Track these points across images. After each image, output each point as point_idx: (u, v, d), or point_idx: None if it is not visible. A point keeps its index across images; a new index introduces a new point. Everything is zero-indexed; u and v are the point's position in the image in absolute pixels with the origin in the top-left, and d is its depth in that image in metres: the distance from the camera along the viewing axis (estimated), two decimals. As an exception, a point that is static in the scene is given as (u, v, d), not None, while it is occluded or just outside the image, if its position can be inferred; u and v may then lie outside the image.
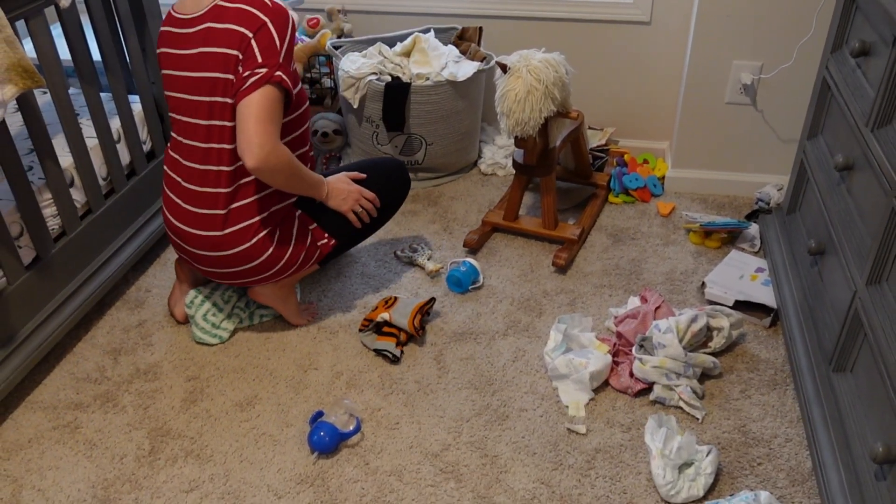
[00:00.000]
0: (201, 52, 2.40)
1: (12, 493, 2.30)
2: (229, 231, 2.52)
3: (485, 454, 2.37)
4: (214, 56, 2.38)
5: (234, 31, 2.34)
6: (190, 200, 2.54)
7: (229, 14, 2.36)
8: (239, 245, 2.53)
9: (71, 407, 2.58)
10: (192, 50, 2.42)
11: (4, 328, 2.50)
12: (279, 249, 2.59)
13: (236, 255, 2.56)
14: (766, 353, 2.69)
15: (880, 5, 2.07)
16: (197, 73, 2.42)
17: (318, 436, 2.35)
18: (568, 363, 2.56)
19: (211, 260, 2.59)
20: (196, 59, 2.42)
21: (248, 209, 2.53)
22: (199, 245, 2.57)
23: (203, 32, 2.39)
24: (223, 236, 2.53)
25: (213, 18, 2.38)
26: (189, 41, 2.43)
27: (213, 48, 2.37)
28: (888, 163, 1.98)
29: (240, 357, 2.76)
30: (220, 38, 2.36)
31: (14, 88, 2.29)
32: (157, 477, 2.34)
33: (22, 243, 2.58)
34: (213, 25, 2.37)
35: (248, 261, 2.57)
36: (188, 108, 2.48)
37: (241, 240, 2.53)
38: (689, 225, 3.31)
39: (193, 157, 2.51)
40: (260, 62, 2.33)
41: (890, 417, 1.82)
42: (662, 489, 2.20)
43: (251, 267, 2.59)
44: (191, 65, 2.43)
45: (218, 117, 2.43)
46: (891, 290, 1.93)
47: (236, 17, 2.35)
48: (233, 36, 2.35)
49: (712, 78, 3.36)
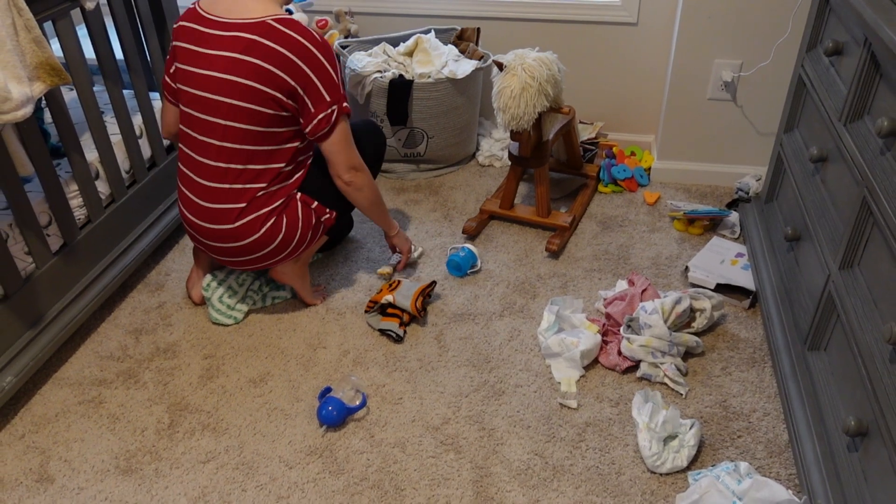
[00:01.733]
0: (236, 59, 2.36)
1: (40, 463, 2.30)
2: (240, 223, 2.51)
3: (482, 427, 2.36)
4: (257, 68, 2.34)
5: (287, 57, 2.33)
6: (203, 196, 2.53)
7: (280, 37, 2.33)
8: (251, 235, 2.53)
9: (95, 383, 2.57)
10: (221, 52, 2.38)
11: (33, 309, 2.50)
12: (289, 232, 2.58)
13: (250, 245, 2.55)
14: (746, 333, 2.68)
15: (852, 7, 2.06)
16: (224, 74, 2.38)
17: (326, 410, 2.34)
18: (560, 342, 2.56)
19: (227, 251, 2.59)
20: (226, 63, 2.37)
21: (258, 202, 2.52)
22: (214, 238, 2.57)
23: (246, 42, 2.34)
24: (235, 228, 2.52)
25: (260, 33, 2.33)
26: (217, 43, 2.39)
27: (257, 60, 2.33)
28: (859, 155, 1.97)
29: (253, 336, 2.75)
30: (269, 56, 2.32)
31: (42, 85, 2.29)
32: (176, 449, 2.33)
33: (50, 231, 2.58)
34: (260, 40, 2.33)
35: (263, 248, 2.57)
36: (206, 105, 2.45)
37: (252, 230, 2.52)
38: (673, 213, 3.30)
39: (207, 153, 2.49)
40: (329, 101, 2.40)
41: (861, 393, 1.81)
42: (648, 460, 2.19)
43: (266, 252, 2.59)
44: (217, 66, 2.39)
45: (238, 119, 2.41)
46: (862, 274, 1.92)
47: (289, 44, 2.33)
48: (285, 62, 2.33)
49: (695, 75, 3.35)
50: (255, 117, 2.40)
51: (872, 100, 2.00)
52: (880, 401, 1.67)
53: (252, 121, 2.41)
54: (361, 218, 3.37)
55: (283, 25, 2.34)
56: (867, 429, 1.75)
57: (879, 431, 1.68)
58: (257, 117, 2.40)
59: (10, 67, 2.12)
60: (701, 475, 2.12)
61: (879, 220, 1.80)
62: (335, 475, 2.23)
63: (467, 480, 2.20)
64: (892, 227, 1.72)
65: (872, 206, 1.85)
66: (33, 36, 2.22)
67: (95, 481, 2.24)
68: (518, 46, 3.10)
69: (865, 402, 1.78)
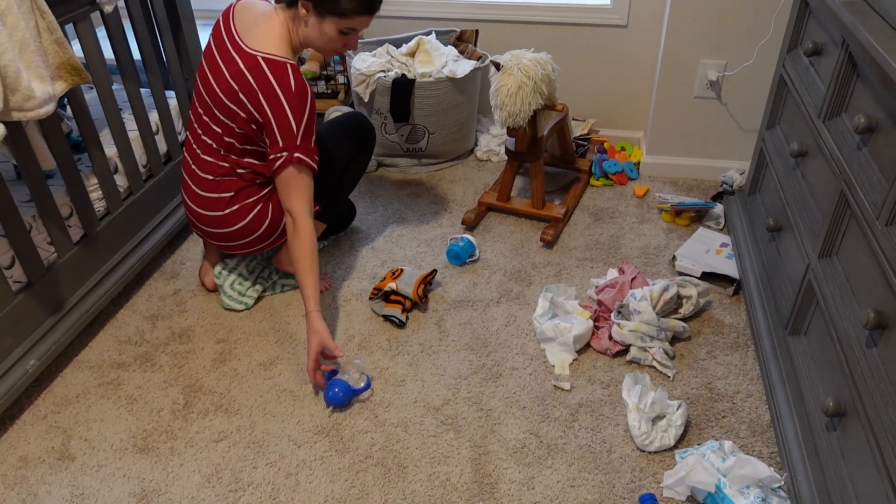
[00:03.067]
0: (226, 78, 2.37)
1: (62, 442, 2.29)
2: (230, 211, 2.55)
3: (480, 408, 2.36)
4: (236, 93, 2.36)
5: (256, 94, 2.31)
6: (199, 184, 2.57)
7: (259, 75, 2.31)
8: (239, 222, 2.56)
9: (114, 366, 2.57)
10: (222, 65, 2.40)
11: (55, 296, 2.49)
12: (273, 220, 2.60)
13: (238, 231, 2.59)
14: (730, 319, 2.67)
15: (831, 11, 2.05)
16: (217, 86, 2.41)
17: (332, 392, 2.34)
18: (554, 327, 2.55)
19: (219, 236, 2.62)
20: (221, 77, 2.39)
21: (245, 193, 2.55)
22: (208, 223, 2.60)
23: (235, 66, 2.35)
24: (225, 216, 2.55)
25: (248, 65, 2.33)
26: (225, 55, 2.40)
27: (236, 86, 2.35)
28: (838, 150, 1.97)
29: (264, 322, 2.74)
30: (244, 87, 2.32)
31: (63, 84, 2.28)
32: (191, 428, 2.33)
33: (71, 223, 2.58)
34: (244, 71, 2.33)
35: (249, 234, 2.60)
36: (204, 104, 2.48)
37: (240, 218, 2.56)
38: (661, 205, 3.29)
39: (204, 147, 2.53)
40: (281, 146, 2.34)
41: (839, 376, 1.81)
42: (638, 439, 2.19)
43: (253, 238, 2.62)
44: (216, 75, 2.41)
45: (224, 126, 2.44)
46: (840, 263, 1.91)
47: (262, 83, 2.31)
48: (254, 96, 2.32)
49: (682, 75, 3.33)
50: (237, 130, 2.43)
51: (850, 98, 2.00)
52: (857, 383, 1.67)
53: (235, 132, 2.44)
54: (365, 209, 3.37)
55: (268, 65, 2.32)
56: (845, 409, 1.75)
57: (856, 412, 1.68)
58: (239, 130, 2.43)
59: (33, 67, 2.12)
60: (687, 453, 2.12)
61: (856, 211, 1.79)
62: (341, 453, 2.23)
63: (466, 458, 2.20)
64: (868, 219, 1.72)
65: (850, 199, 1.84)
66: (55, 37, 2.22)
67: (114, 459, 2.23)
68: (514, 47, 3.09)
69: (843, 385, 1.78)
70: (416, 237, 3.18)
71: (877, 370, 1.60)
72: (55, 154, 2.43)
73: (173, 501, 2.10)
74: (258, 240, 2.63)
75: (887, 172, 1.69)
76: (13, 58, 2.02)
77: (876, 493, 1.55)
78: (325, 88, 3.85)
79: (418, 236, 3.19)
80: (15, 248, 2.32)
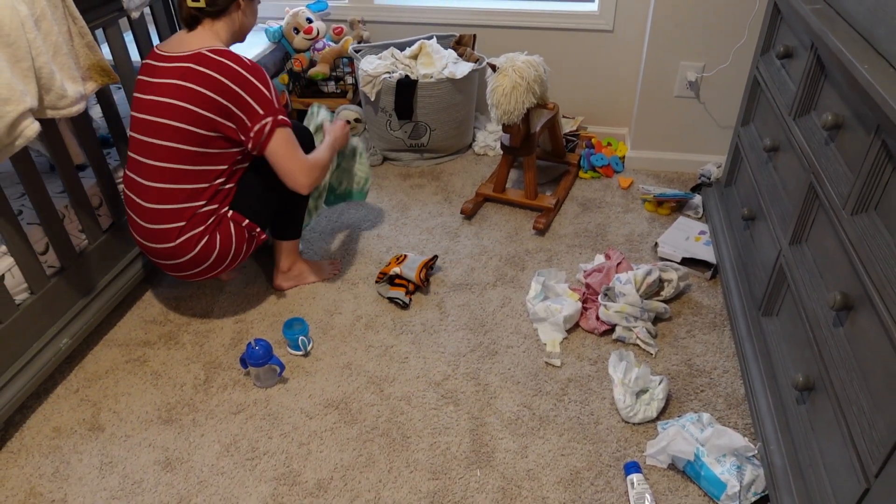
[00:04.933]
0: (176, 84, 2.24)
1: (92, 414, 2.29)
2: (179, 241, 2.35)
3: (478, 383, 2.36)
4: (193, 92, 2.22)
5: (219, 80, 2.21)
6: (146, 217, 2.36)
7: (212, 63, 2.23)
8: (188, 253, 2.37)
9: (140, 344, 2.57)
10: (164, 80, 2.27)
11: (86, 280, 2.49)
12: (223, 249, 2.42)
13: (189, 262, 2.40)
14: (708, 301, 2.67)
15: (801, 17, 2.04)
16: (166, 98, 2.24)
17: (251, 349, 2.33)
18: (546, 308, 2.55)
19: (171, 267, 2.45)
20: (168, 88, 2.25)
21: (195, 220, 2.35)
22: (158, 255, 2.42)
23: (182, 70, 2.24)
24: (175, 247, 2.36)
25: (195, 62, 2.23)
26: (164, 73, 2.28)
27: (193, 85, 2.22)
28: (807, 145, 1.96)
29: (277, 304, 2.74)
30: (203, 81, 2.22)
31: (94, 84, 2.28)
32: (211, 401, 2.33)
33: (101, 212, 2.57)
34: (195, 67, 2.23)
35: (201, 263, 2.42)
36: (150, 129, 2.29)
37: (189, 249, 2.36)
38: (644, 196, 3.28)
39: (151, 175, 2.32)
40: (263, 114, 2.26)
41: (808, 353, 1.81)
42: (623, 411, 2.18)
43: (206, 266, 2.44)
44: (161, 91, 2.27)
45: (178, 141, 2.26)
46: (809, 249, 1.91)
47: (220, 69, 2.22)
48: (217, 84, 2.21)
49: (663, 75, 3.32)
50: (193, 138, 2.26)
51: (818, 97, 1.99)
52: (825, 359, 1.66)
53: (191, 141, 2.27)
54: (372, 200, 3.37)
55: (215, 54, 2.25)
56: (813, 384, 1.75)
57: (824, 386, 1.68)
58: (195, 138, 2.26)
59: (65, 69, 2.12)
60: (668, 425, 2.12)
61: (824, 202, 1.79)
62: (349, 425, 2.23)
63: (465, 429, 2.20)
64: (835, 209, 1.71)
65: (818, 190, 1.84)
66: (86, 41, 2.21)
67: (140, 430, 2.23)
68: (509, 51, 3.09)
69: (812, 361, 1.77)
70: (419, 225, 3.17)
71: (843, 348, 1.60)
72: (85, 148, 2.43)
73: (195, 469, 2.11)
74: (211, 267, 2.46)
75: (852, 165, 1.69)
76: (47, 60, 2.01)
77: (842, 460, 1.55)
78: (335, 88, 3.84)
79: (420, 225, 3.18)
80: (49, 235, 2.31)
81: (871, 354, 1.47)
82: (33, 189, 2.21)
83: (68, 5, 2.14)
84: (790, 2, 2.19)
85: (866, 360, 1.49)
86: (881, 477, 1.37)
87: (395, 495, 2.01)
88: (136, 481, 2.08)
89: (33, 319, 2.29)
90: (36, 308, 2.29)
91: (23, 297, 2.26)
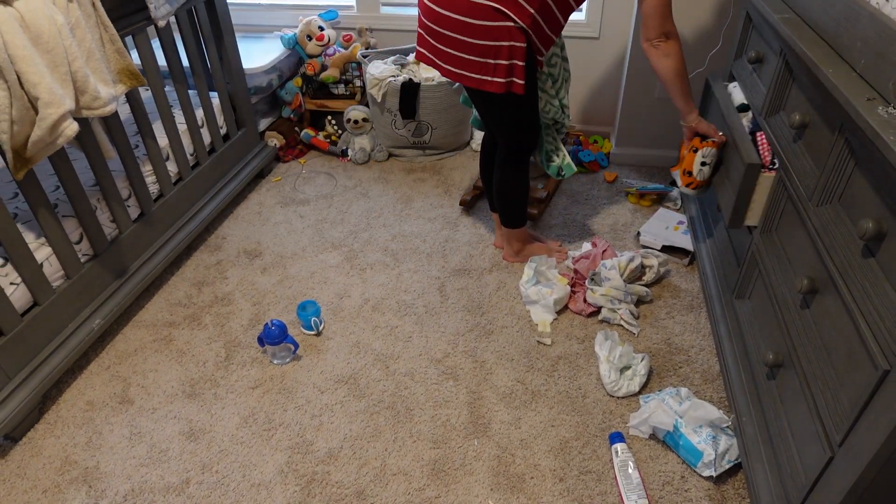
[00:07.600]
0: None
1: (122, 389, 2.29)
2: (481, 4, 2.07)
3: (475, 360, 2.36)
4: None
5: None
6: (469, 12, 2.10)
7: None
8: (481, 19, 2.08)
9: (166, 325, 2.56)
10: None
11: (117, 266, 2.49)
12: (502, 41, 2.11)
13: (472, 27, 2.10)
14: (686, 285, 2.67)
15: (771, 25, 2.03)
16: None
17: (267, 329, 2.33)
18: (537, 292, 2.54)
19: (448, 29, 2.16)
20: None
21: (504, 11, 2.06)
22: (446, 18, 2.14)
23: None
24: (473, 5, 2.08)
25: None
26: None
27: None
28: (776, 142, 1.95)
29: (292, 288, 2.73)
30: None
31: (123, 87, 2.27)
32: (231, 377, 2.33)
33: (130, 203, 2.56)
34: None
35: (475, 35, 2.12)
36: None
37: (485, 16, 2.07)
38: (627, 189, 3.27)
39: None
40: None
41: (777, 332, 1.80)
42: (608, 386, 2.18)
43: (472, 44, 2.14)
44: None
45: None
46: (778, 238, 1.90)
47: None
48: None
49: (645, 78, 3.30)
50: None
51: (787, 98, 1.98)
52: (793, 338, 1.66)
53: None
54: (378, 192, 3.36)
55: None
56: (782, 361, 1.74)
57: (792, 363, 1.68)
58: None
59: (98, 73, 2.11)
60: (650, 398, 2.12)
61: (792, 194, 1.78)
62: (358, 398, 2.23)
63: (463, 402, 2.20)
64: (802, 201, 1.71)
65: (786, 183, 1.83)
66: (116, 47, 2.20)
67: (166, 403, 2.24)
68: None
69: (781, 340, 1.77)
70: (422, 216, 3.16)
71: (809, 328, 1.60)
72: (116, 144, 2.42)
73: (216, 439, 2.11)
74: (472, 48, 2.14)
75: (818, 161, 1.69)
76: (82, 64, 2.01)
77: (808, 431, 1.54)
78: (345, 90, 3.82)
79: (423, 215, 3.17)
80: (83, 225, 2.31)
81: (835, 333, 1.46)
82: (69, 184, 2.21)
83: (100, 14, 2.13)
84: (761, 11, 2.18)
85: (830, 339, 1.48)
86: (844, 446, 1.37)
87: (400, 462, 2.01)
88: (163, 450, 2.08)
89: (69, 302, 2.29)
90: (71, 292, 2.29)
91: (59, 282, 2.26)
